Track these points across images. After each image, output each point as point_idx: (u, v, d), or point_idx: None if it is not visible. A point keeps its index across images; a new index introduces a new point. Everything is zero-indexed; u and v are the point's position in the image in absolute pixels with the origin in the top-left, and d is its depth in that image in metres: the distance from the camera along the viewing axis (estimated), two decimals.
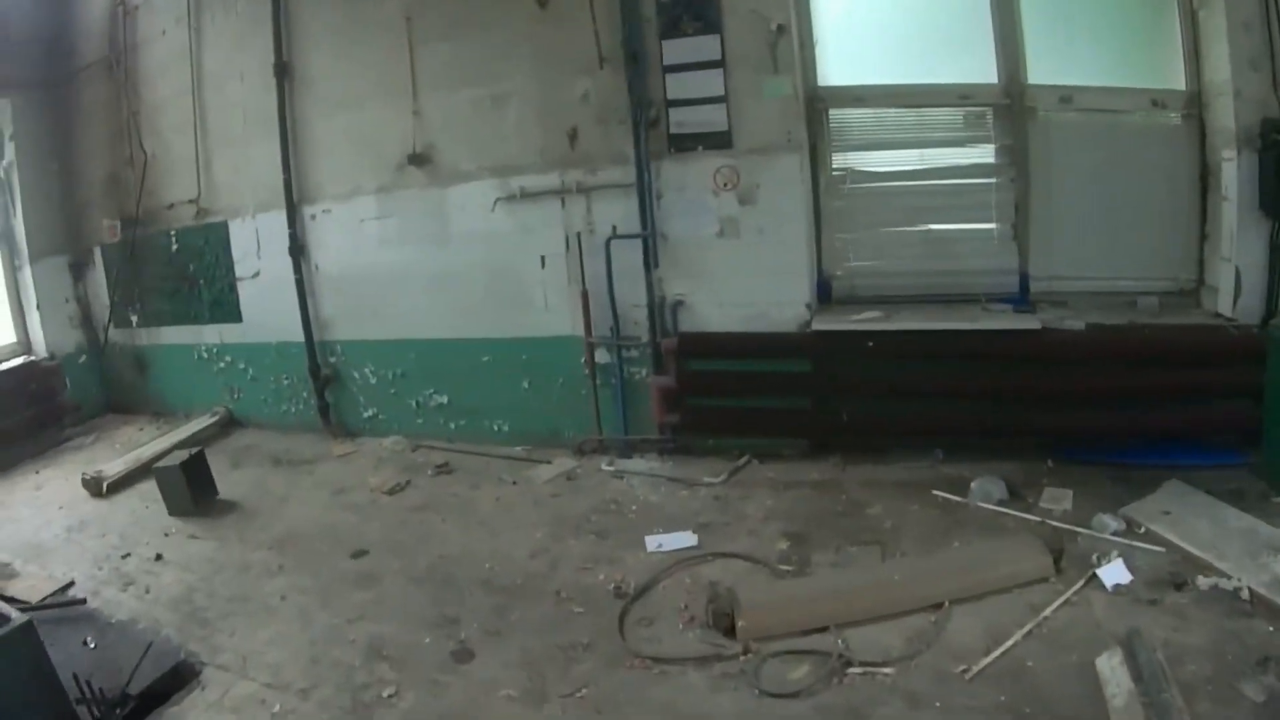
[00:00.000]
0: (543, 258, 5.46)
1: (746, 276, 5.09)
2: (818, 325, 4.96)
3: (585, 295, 5.32)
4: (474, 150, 5.54)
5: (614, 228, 5.24)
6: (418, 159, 5.64)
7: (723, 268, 5.13)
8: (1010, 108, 4.97)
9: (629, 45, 5.06)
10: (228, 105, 6.48)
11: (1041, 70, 4.93)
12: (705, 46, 5.01)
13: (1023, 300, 5.04)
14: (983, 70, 5.02)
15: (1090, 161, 4.91)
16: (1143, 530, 3.84)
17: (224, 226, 6.66)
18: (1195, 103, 4.66)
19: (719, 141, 5.03)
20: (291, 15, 6.06)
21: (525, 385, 5.75)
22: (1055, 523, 4.01)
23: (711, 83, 5.00)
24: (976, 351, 4.72)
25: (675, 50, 5.06)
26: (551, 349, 5.54)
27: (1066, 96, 4.88)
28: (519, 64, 5.36)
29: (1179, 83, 4.70)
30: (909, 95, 5.12)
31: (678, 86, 5.06)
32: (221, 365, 7.00)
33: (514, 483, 5.32)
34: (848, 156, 5.19)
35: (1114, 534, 3.82)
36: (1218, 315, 4.56)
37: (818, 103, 5.11)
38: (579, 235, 5.34)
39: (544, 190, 5.38)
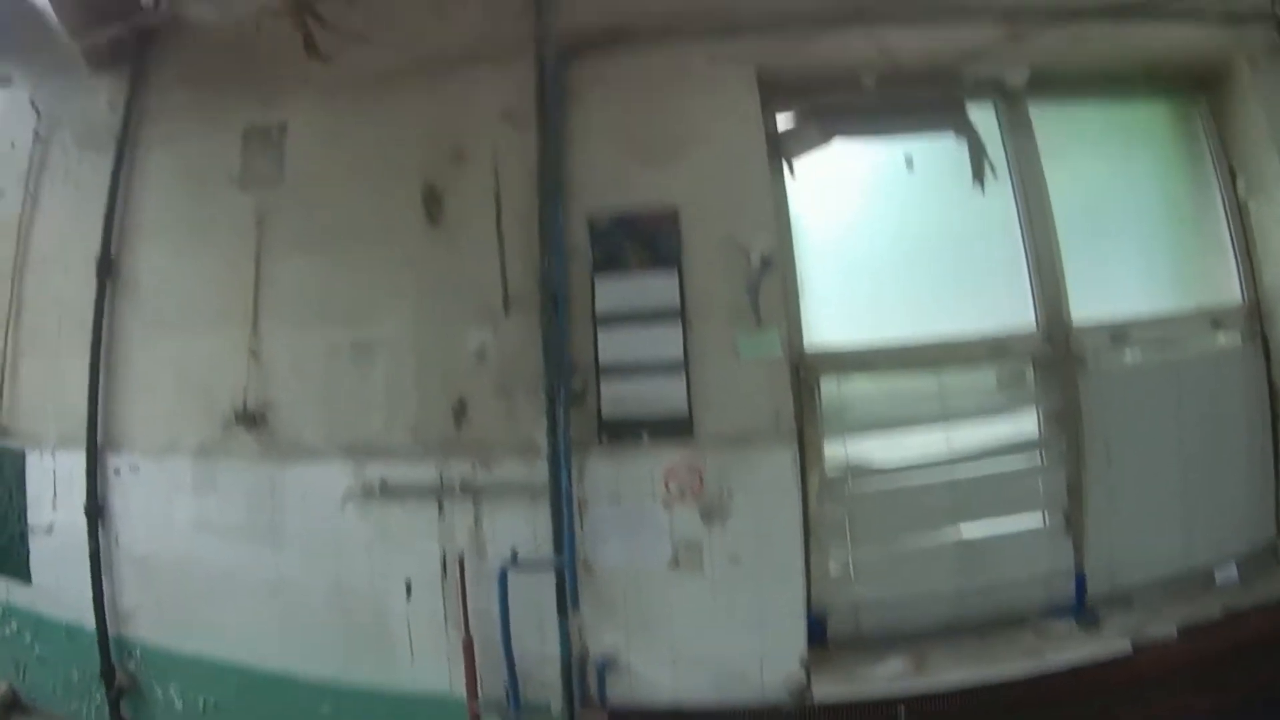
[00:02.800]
0: (408, 583, 3.65)
1: (713, 624, 3.42)
2: (821, 690, 3.32)
3: (469, 644, 3.50)
4: (324, 417, 3.79)
5: (514, 550, 3.50)
6: (249, 419, 3.84)
7: (679, 612, 3.44)
8: (1054, 358, 3.75)
9: (548, 283, 3.49)
10: (48, 300, 4.54)
11: (1085, 306, 3.82)
12: (657, 288, 3.48)
13: (1080, 608, 3.68)
14: (1016, 314, 3.83)
15: (1150, 411, 3.84)
16: None
17: (21, 456, 4.66)
18: (1255, 315, 3.98)
19: (674, 428, 3.44)
20: (132, 194, 4.30)
21: None
22: None
23: (664, 340, 3.45)
24: (1049, 696, 3.33)
25: (614, 292, 3.51)
26: (419, 711, 3.70)
27: (1118, 334, 3.84)
28: (396, 300, 3.72)
29: (1235, 293, 4.03)
30: (927, 355, 3.72)
31: (615, 345, 3.48)
32: (7, 632, 4.98)
33: None
34: (848, 444, 3.67)
35: None
36: None
37: (804, 372, 3.63)
38: (462, 557, 3.56)
39: (415, 486, 3.63)
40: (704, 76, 3.61)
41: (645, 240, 3.48)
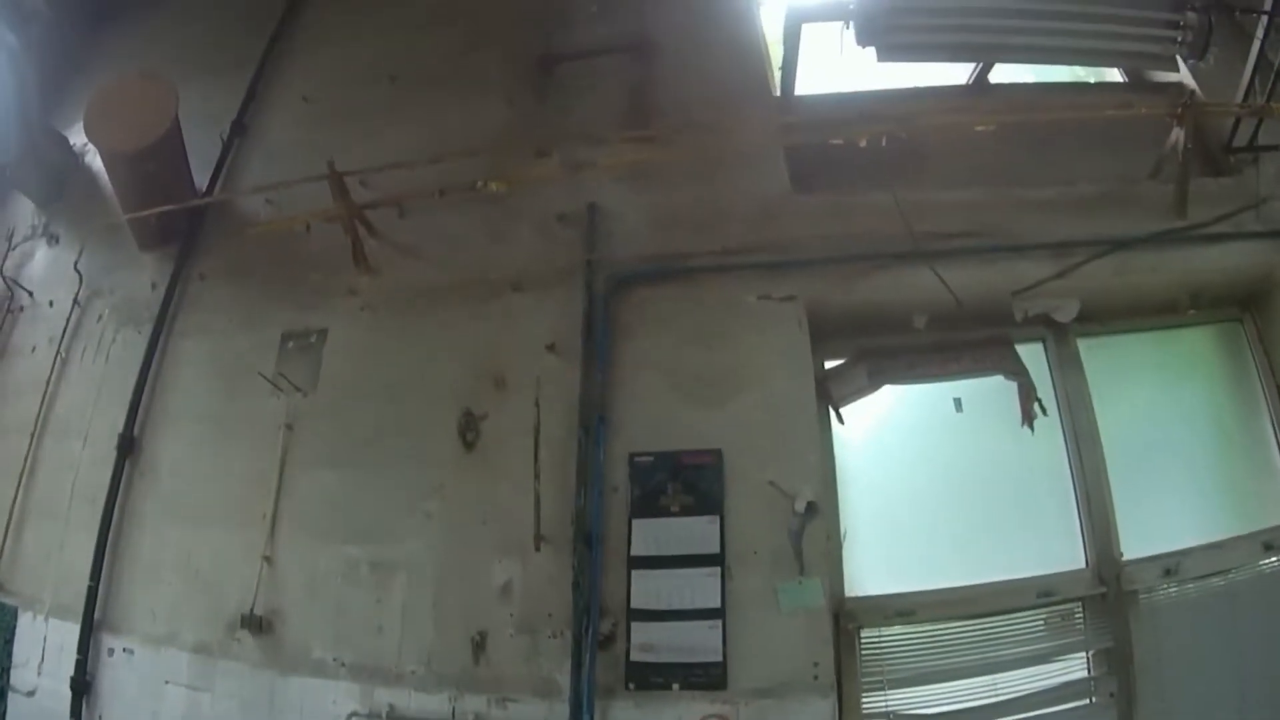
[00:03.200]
0: None
1: None
2: None
3: None
4: (334, 632, 3.66)
5: None
6: (256, 623, 3.74)
7: None
8: (1105, 597, 3.53)
9: (583, 522, 3.43)
10: (63, 465, 4.63)
11: (1135, 539, 3.63)
12: (697, 532, 3.40)
13: None
14: (1065, 553, 3.66)
15: (1204, 641, 3.57)
16: None
17: (14, 614, 4.61)
18: None
19: (707, 677, 3.24)
20: (162, 377, 4.46)
21: None
22: None
23: (702, 587, 3.33)
24: None
25: (651, 535, 3.44)
26: None
27: (1170, 567, 3.58)
28: (421, 523, 3.69)
29: None
30: (973, 601, 3.55)
31: (649, 590, 3.36)
32: None
33: None
34: (889, 697, 3.43)
35: None
36: None
37: (845, 620, 3.45)
38: None
39: (426, 717, 3.45)
40: (754, 315, 3.67)
41: (687, 482, 3.44)
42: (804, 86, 4.35)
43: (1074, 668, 3.53)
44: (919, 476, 3.75)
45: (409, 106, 4.69)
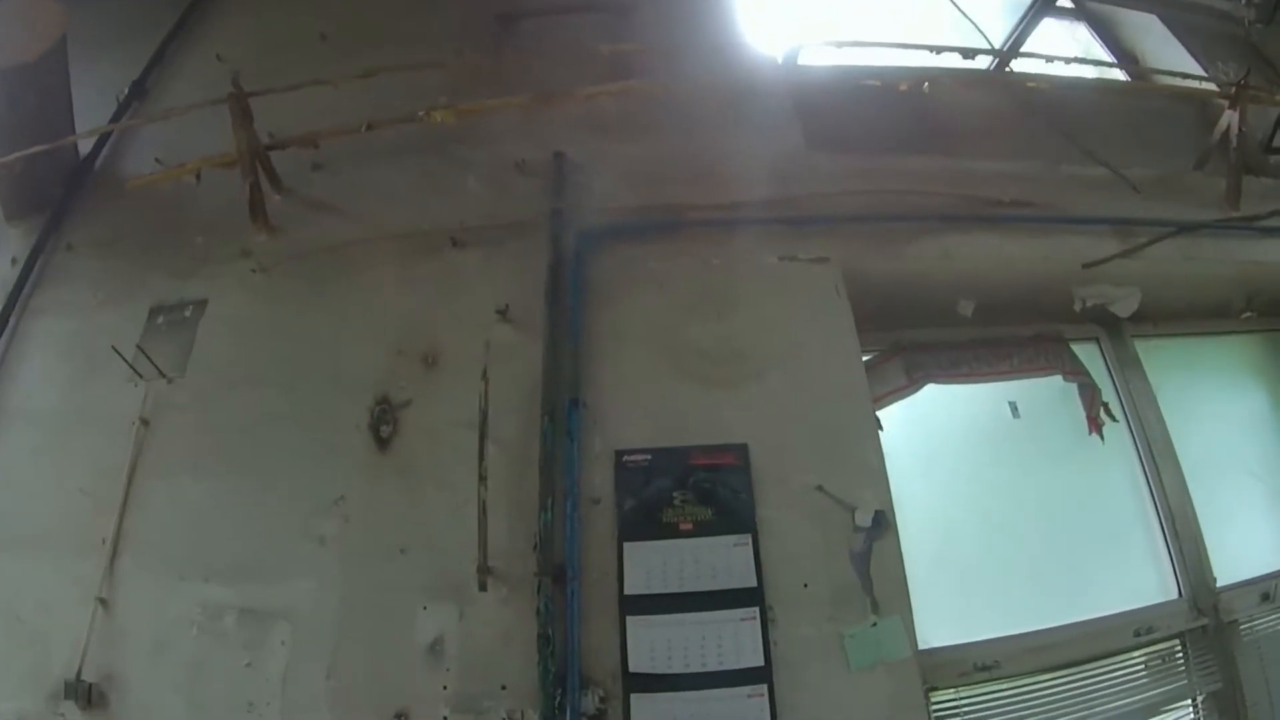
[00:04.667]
0: None
1: None
2: None
3: None
4: (186, 710, 2.25)
5: None
6: (83, 693, 2.25)
7: None
8: (1207, 630, 2.79)
9: (551, 547, 2.27)
10: None
11: (1221, 565, 2.95)
12: (721, 559, 2.30)
13: None
14: (1150, 584, 2.93)
15: None
16: None
17: None
18: None
19: None
20: (6, 366, 2.94)
21: None
22: None
23: (734, 637, 2.20)
24: None
25: (652, 564, 2.30)
26: None
27: (1268, 592, 2.96)
28: (313, 552, 2.39)
29: None
30: (1064, 647, 2.67)
31: (653, 644, 2.20)
32: None
33: None
34: None
35: None
36: None
37: None
38: None
39: None
40: (777, 278, 2.78)
41: (701, 489, 2.37)
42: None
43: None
44: (975, 495, 2.89)
45: (341, 65, 3.67)
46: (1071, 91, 3.49)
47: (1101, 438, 2.99)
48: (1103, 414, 3.00)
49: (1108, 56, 3.94)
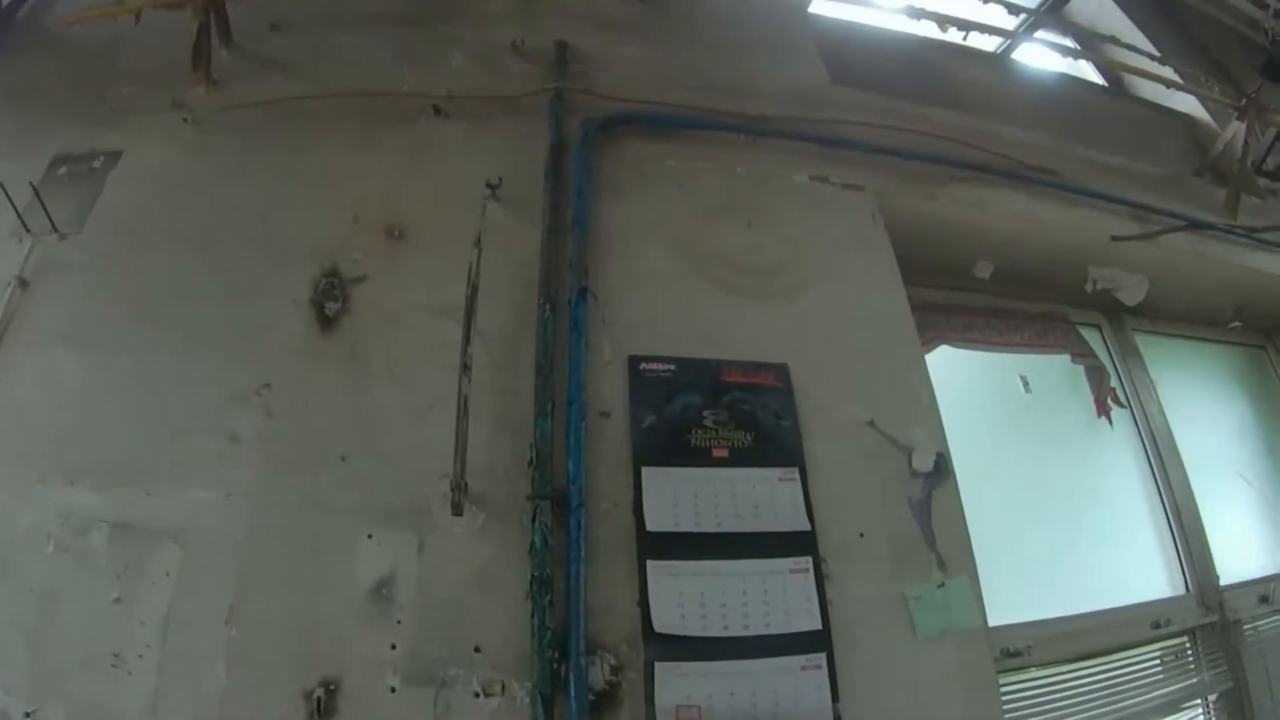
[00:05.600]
0: None
1: None
2: None
3: None
4: (28, 656, 1.44)
5: None
6: None
7: None
8: (1215, 628, 2.62)
9: (549, 465, 1.69)
10: None
11: (1224, 567, 2.78)
12: (765, 495, 1.79)
13: None
14: (1158, 577, 2.72)
15: None
16: None
17: None
18: None
19: None
20: None
21: None
22: None
23: (783, 592, 1.68)
24: None
25: (681, 494, 1.75)
26: None
27: (1266, 594, 2.80)
28: (221, 455, 1.68)
29: None
30: (1087, 635, 2.40)
31: (683, 597, 1.64)
32: None
33: None
34: None
35: None
36: None
37: None
38: None
39: None
40: (808, 196, 2.37)
41: (738, 412, 1.87)
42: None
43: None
44: (990, 469, 2.50)
45: None
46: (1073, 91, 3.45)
47: (1110, 422, 2.79)
48: (1110, 400, 2.81)
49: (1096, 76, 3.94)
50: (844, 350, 2.08)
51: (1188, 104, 3.62)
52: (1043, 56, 3.75)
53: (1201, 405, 3.07)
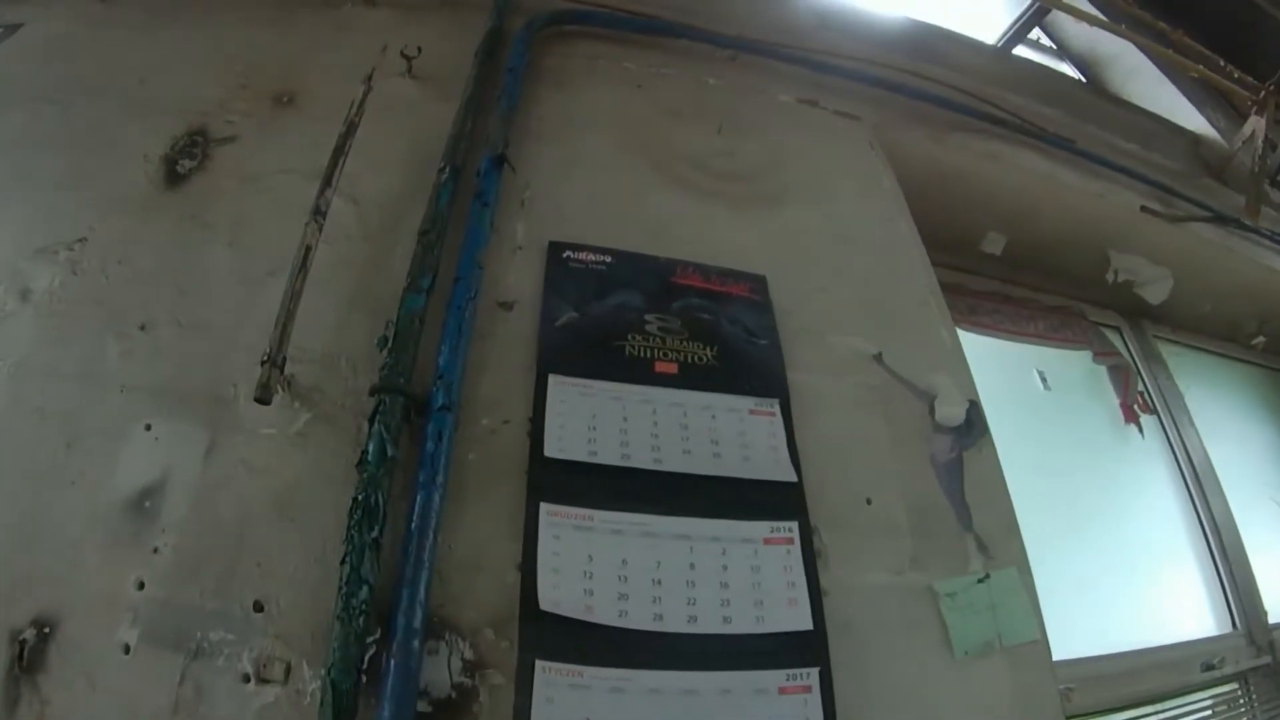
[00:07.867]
0: None
1: None
2: None
3: None
4: None
5: None
6: None
7: None
8: (1269, 671, 2.05)
9: (406, 353, 1.07)
10: None
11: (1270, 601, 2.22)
12: (724, 429, 1.16)
13: None
14: (1206, 614, 2.15)
15: None
16: None
17: None
18: None
19: None
20: None
21: None
22: None
23: (757, 573, 1.03)
24: None
25: (595, 415, 1.13)
26: None
27: None
28: (4, 311, 1.07)
29: None
30: (1134, 678, 1.81)
31: (582, 569, 1.00)
32: None
33: None
34: None
35: None
36: None
37: None
38: None
39: None
40: (794, 115, 1.86)
41: (694, 321, 1.28)
42: None
43: None
44: (1009, 472, 1.97)
45: None
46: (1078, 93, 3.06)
47: (1140, 429, 2.23)
48: (1138, 406, 2.26)
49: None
50: (838, 271, 1.50)
51: (1195, 122, 3.27)
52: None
53: (1231, 423, 2.54)
